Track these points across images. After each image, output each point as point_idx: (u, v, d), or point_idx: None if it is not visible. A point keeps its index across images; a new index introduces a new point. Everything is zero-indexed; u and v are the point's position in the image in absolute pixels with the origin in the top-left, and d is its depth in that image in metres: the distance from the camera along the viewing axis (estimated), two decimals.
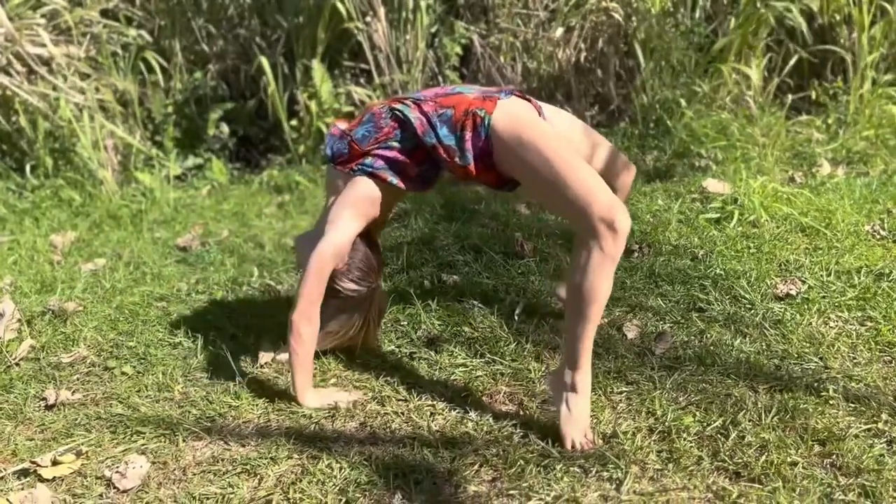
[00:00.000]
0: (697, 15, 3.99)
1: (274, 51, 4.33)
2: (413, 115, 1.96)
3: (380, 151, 2.00)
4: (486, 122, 1.85)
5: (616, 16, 4.01)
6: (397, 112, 1.99)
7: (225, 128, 4.52)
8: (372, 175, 2.01)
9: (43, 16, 4.18)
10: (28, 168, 4.20)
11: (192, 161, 4.50)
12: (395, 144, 1.99)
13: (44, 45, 4.04)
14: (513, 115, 1.87)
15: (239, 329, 2.49)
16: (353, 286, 2.04)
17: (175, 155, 4.41)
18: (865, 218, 2.94)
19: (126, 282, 2.99)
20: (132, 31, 4.37)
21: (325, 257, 1.97)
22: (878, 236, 2.81)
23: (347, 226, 2.02)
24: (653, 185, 3.54)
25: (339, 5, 4.03)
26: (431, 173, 2.06)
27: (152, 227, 3.69)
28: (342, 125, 2.14)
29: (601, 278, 1.66)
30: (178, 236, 3.50)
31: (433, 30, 4.05)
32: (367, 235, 2.11)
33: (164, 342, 2.43)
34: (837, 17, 4.15)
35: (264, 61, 4.14)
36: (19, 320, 2.68)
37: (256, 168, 4.39)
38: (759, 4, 3.85)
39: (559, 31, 4.01)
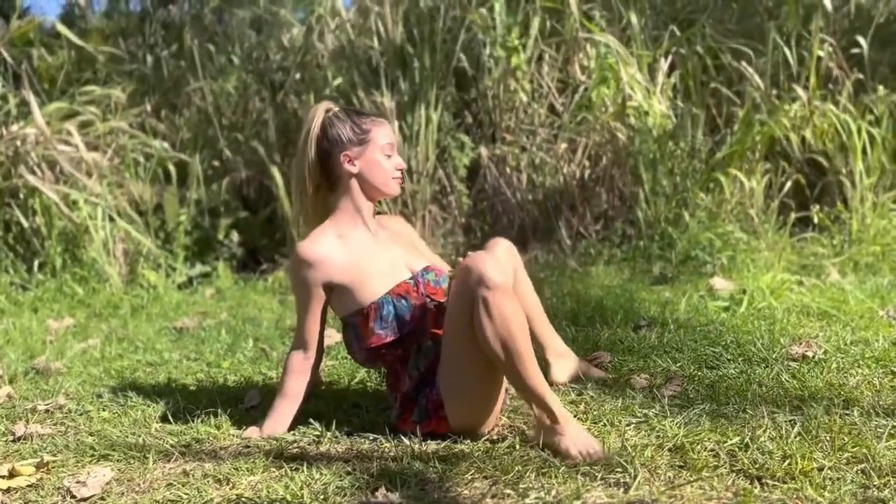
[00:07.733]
0: (699, 134, 4.13)
1: (290, 162, 4.49)
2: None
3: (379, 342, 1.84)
4: None
5: (619, 135, 4.16)
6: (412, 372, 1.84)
7: (235, 236, 4.58)
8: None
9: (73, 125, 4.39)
10: (36, 265, 4.22)
11: (199, 269, 4.52)
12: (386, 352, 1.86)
13: (73, 146, 4.21)
14: None
15: (228, 382, 2.38)
16: None
17: (183, 260, 4.44)
18: (879, 306, 2.87)
19: (116, 352, 2.90)
20: (156, 143, 4.57)
21: None
22: (895, 321, 2.72)
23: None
24: (659, 287, 3.50)
25: None
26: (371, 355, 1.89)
27: (151, 317, 3.63)
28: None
29: (503, 311, 1.60)
30: (175, 322, 3.44)
31: (444, 143, 4.21)
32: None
33: (147, 392, 2.31)
34: (831, 146, 4.28)
35: (275, 170, 4.28)
36: (0, 376, 2.58)
37: (263, 274, 4.40)
38: (755, 122, 4.01)
39: (562, 146, 4.15)
